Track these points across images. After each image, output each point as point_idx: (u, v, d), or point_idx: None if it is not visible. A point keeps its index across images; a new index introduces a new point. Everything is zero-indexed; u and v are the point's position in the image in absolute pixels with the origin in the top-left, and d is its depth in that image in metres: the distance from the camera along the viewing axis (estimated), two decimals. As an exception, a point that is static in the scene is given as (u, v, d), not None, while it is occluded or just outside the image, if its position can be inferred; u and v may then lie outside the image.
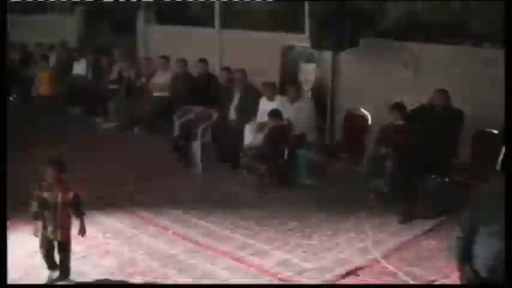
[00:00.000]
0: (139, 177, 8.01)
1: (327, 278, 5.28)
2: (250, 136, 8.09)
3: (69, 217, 4.88)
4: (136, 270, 5.37)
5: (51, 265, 4.94)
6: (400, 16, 8.27)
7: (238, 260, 5.63)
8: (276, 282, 5.19)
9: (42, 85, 11.17)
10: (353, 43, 8.06)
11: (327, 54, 8.72)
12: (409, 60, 8.08)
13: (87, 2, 13.01)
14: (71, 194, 4.75)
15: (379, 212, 6.89)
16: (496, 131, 6.83)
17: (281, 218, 6.73)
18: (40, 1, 14.72)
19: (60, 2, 14.11)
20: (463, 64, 7.63)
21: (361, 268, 5.48)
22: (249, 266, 5.51)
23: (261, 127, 7.89)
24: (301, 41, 9.12)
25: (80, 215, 4.89)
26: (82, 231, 4.95)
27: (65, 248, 4.90)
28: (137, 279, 5.20)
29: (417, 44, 8.06)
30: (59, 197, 4.69)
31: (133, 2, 12.11)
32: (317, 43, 8.22)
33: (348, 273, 5.37)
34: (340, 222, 6.64)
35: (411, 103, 7.33)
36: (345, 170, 8.03)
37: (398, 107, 7.24)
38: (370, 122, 8.15)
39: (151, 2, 12.13)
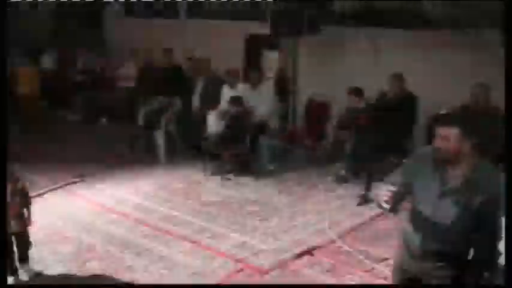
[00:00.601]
0: (102, 166, 8.01)
1: (281, 258, 5.34)
2: (213, 124, 8.12)
3: (21, 207, 4.84)
4: (93, 256, 5.39)
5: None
6: (358, 2, 8.33)
7: (195, 243, 5.68)
8: (230, 262, 5.23)
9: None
10: (312, 30, 8.13)
11: (290, 42, 8.77)
12: (369, 46, 8.16)
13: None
14: (19, 185, 4.74)
15: (338, 194, 6.99)
16: (448, 112, 6.93)
17: (241, 203, 6.80)
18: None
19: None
20: (420, 48, 7.75)
21: (316, 248, 5.56)
22: (206, 248, 5.56)
23: (223, 114, 7.92)
24: (264, 29, 9.14)
25: (27, 206, 4.87)
26: (29, 221, 4.91)
27: (22, 238, 4.88)
28: (94, 264, 5.21)
29: (376, 29, 8.13)
30: (9, 188, 4.67)
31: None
32: (277, 30, 8.28)
33: (303, 253, 5.44)
34: (299, 205, 6.72)
35: (371, 88, 7.43)
36: (306, 155, 8.08)
37: (356, 92, 7.35)
38: (331, 107, 8.22)
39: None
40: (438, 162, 3.17)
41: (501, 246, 3.07)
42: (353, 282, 4.91)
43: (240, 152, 7.59)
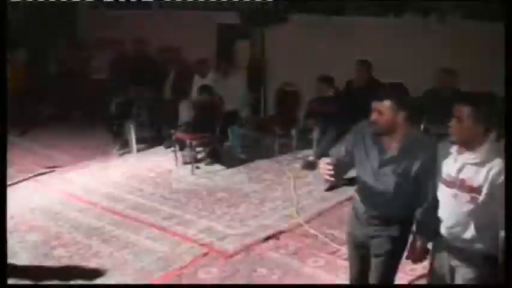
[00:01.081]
0: (73, 157, 8.02)
1: (247, 241, 5.40)
2: (184, 113, 8.14)
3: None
4: (60, 243, 5.41)
5: None
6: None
7: (163, 229, 5.71)
8: (196, 247, 5.28)
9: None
10: (283, 19, 8.18)
11: (261, 32, 8.80)
12: (339, 35, 8.23)
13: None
14: None
15: (307, 181, 7.07)
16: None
17: (211, 190, 6.85)
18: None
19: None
20: (390, 35, 7.85)
21: (282, 232, 5.62)
22: (173, 234, 5.60)
23: (193, 104, 7.95)
24: (235, 19, 9.16)
25: None
26: None
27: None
28: (60, 251, 5.23)
29: (346, 17, 8.21)
30: None
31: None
32: (247, 20, 8.31)
33: (269, 237, 5.50)
34: (268, 192, 6.78)
35: (342, 76, 7.52)
36: (277, 143, 8.13)
37: (325, 80, 7.41)
38: (301, 96, 8.29)
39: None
40: (376, 135, 3.30)
41: (440, 213, 3.18)
42: (317, 264, 4.98)
43: (210, 140, 7.60)
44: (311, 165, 7.23)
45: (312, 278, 4.75)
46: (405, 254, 3.51)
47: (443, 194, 3.12)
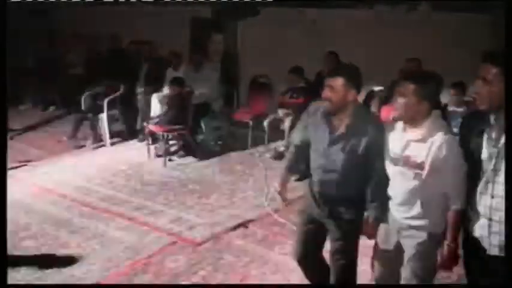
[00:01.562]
0: (44, 152, 8.00)
1: (216, 231, 5.44)
2: (157, 106, 8.15)
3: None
4: (29, 234, 5.41)
5: None
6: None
7: (132, 220, 5.74)
8: (165, 237, 5.31)
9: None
10: (254, 12, 8.22)
11: (234, 24, 8.85)
12: (309, 27, 8.30)
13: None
14: None
15: (278, 172, 7.09)
16: (381, 88, 7.12)
17: (182, 182, 6.88)
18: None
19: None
20: (359, 27, 7.92)
21: (251, 221, 5.67)
22: (142, 224, 5.62)
23: (165, 96, 7.97)
24: (209, 13, 9.22)
25: None
26: None
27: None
28: (29, 242, 5.23)
29: (317, 9, 8.26)
30: None
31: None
32: (219, 13, 8.35)
33: (238, 226, 5.55)
34: (240, 183, 6.82)
35: (313, 67, 7.58)
36: (249, 135, 8.18)
37: (296, 71, 7.48)
38: (273, 87, 8.35)
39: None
40: (327, 113, 3.37)
41: (389, 190, 3.27)
42: (283, 251, 5.02)
43: (182, 132, 7.62)
44: (282, 156, 7.28)
45: (277, 264, 4.79)
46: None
47: (391, 171, 3.20)
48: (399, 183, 3.16)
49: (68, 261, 4.84)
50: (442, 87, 3.10)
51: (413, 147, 3.05)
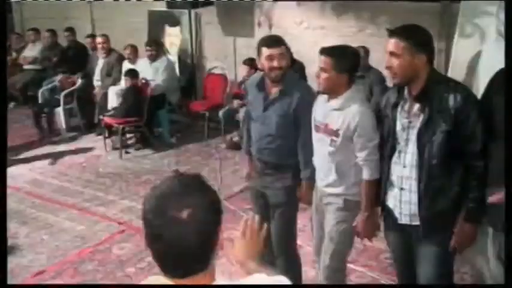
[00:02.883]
0: None
1: (165, 218, 5.50)
2: (114, 99, 8.18)
3: None
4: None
5: None
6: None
7: (83, 210, 5.79)
8: (114, 225, 5.37)
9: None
10: (207, 2, 8.29)
11: (190, 17, 8.89)
12: (262, 18, 8.39)
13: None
14: None
15: (233, 161, 7.21)
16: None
17: (137, 173, 6.93)
18: None
19: None
20: (309, 17, 8.04)
21: (201, 208, 5.74)
22: (93, 214, 5.68)
23: (120, 89, 8.00)
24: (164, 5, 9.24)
25: None
26: None
27: None
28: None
29: (268, 2, 8.34)
30: None
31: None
32: (172, 3, 8.41)
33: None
34: (195, 172, 6.85)
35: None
36: (205, 126, 8.25)
37: (250, 62, 7.55)
38: (228, 79, 8.44)
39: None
40: (262, 83, 3.58)
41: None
42: (232, 236, 5.09)
43: (137, 124, 7.67)
44: (236, 145, 7.38)
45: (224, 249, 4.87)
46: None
47: (314, 139, 3.40)
48: (319, 150, 3.37)
49: (16, 250, 4.87)
50: (360, 61, 3.27)
51: (331, 115, 3.24)
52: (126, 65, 8.39)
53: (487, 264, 3.34)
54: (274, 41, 3.49)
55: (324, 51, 3.20)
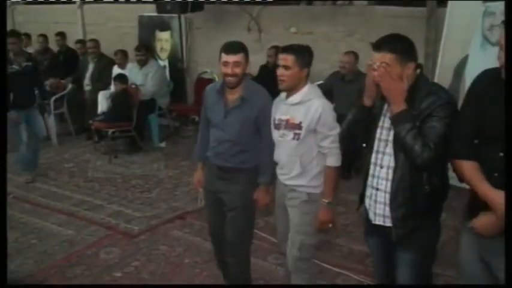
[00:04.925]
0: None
1: (153, 223, 5.53)
2: (103, 103, 8.19)
3: None
4: (-34, 232, 5.40)
5: None
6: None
7: (71, 214, 5.80)
8: (102, 230, 5.38)
9: None
10: (197, 7, 8.32)
11: (180, 22, 8.92)
12: (251, 23, 8.43)
13: None
14: None
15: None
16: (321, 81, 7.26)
17: (126, 178, 6.94)
18: None
19: None
20: (298, 22, 8.09)
21: (189, 212, 5.77)
22: (81, 219, 5.69)
23: (110, 93, 8.01)
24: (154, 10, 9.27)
25: None
26: None
27: None
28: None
29: (257, 6, 8.39)
30: None
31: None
32: (162, 8, 8.45)
33: (175, 218, 5.65)
34: (184, 177, 6.90)
35: (257, 63, 7.71)
36: (196, 131, 8.24)
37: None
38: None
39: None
40: (222, 89, 3.61)
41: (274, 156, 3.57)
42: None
43: (127, 129, 7.68)
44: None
45: (210, 253, 4.87)
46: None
47: (275, 136, 3.51)
48: (281, 147, 3.48)
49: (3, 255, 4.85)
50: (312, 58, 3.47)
51: (293, 110, 3.40)
52: (116, 70, 8.40)
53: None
54: (231, 48, 3.52)
55: (285, 49, 3.38)
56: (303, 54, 3.38)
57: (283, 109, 3.45)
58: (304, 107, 3.35)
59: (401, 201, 2.82)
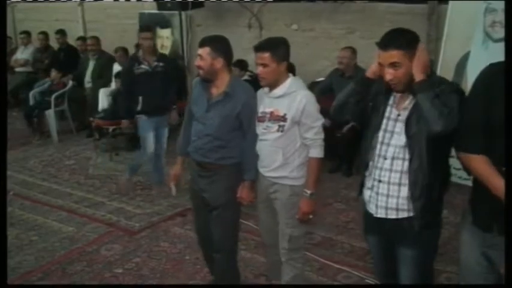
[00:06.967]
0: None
1: (154, 220, 5.52)
2: (104, 101, 8.18)
3: None
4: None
5: None
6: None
7: (72, 211, 5.80)
8: (102, 227, 5.38)
9: None
10: (197, 4, 8.31)
11: (180, 19, 8.90)
12: (252, 20, 8.41)
13: None
14: None
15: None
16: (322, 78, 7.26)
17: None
18: None
19: None
20: (299, 20, 8.07)
21: (190, 209, 5.73)
22: (81, 216, 5.68)
23: (111, 91, 8.00)
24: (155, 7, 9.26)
25: None
26: None
27: None
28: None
29: (258, 3, 8.37)
30: None
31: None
32: (163, 5, 8.43)
33: (176, 215, 5.64)
34: (186, 173, 6.84)
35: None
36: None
37: (239, 64, 7.56)
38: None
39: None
40: (203, 83, 3.61)
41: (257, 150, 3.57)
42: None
43: (127, 126, 7.64)
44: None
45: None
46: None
47: (259, 130, 3.51)
48: (264, 139, 3.48)
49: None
50: (289, 49, 3.45)
51: (276, 102, 3.42)
52: (117, 67, 8.38)
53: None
54: (202, 41, 3.56)
55: (259, 48, 3.37)
56: (278, 48, 3.37)
57: (267, 102, 3.47)
58: (288, 99, 3.37)
59: (420, 192, 2.76)
